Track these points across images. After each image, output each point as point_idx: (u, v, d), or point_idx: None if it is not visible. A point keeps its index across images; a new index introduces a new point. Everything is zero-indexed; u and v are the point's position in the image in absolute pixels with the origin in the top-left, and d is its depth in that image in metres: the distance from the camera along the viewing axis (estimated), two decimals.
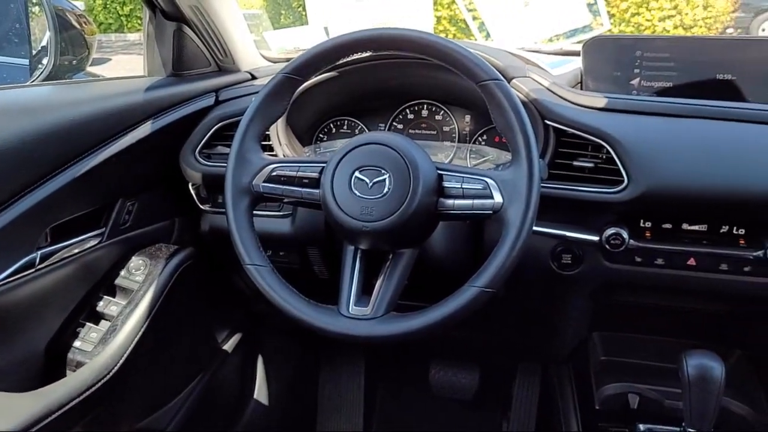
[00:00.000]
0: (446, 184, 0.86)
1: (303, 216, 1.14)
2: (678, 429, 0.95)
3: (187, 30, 1.23)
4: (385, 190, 0.85)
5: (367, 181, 0.86)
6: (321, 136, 1.27)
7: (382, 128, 1.25)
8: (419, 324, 0.83)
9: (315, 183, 0.90)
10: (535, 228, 0.85)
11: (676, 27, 6.76)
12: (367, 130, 1.25)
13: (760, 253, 0.97)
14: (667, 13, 6.82)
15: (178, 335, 1.22)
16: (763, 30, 10.23)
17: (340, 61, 1.01)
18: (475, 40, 1.61)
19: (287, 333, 1.63)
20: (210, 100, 1.21)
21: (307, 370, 1.73)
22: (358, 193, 0.86)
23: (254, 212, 0.94)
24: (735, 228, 1.00)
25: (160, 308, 1.10)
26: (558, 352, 1.27)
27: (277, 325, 1.58)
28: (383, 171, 0.86)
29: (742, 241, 0.99)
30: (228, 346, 1.43)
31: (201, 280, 1.27)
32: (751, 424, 1.11)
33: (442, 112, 1.22)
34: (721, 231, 1.00)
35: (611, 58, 1.10)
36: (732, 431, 1.04)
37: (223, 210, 0.93)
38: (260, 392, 1.56)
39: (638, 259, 1.03)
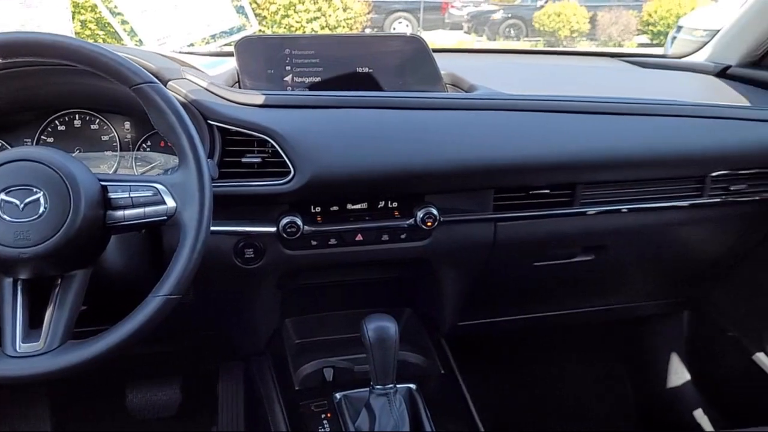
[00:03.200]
0: (112, 195, 0.82)
1: None
2: (367, 389, 1.06)
3: None
4: (41, 210, 0.77)
5: (17, 202, 0.77)
6: None
7: (29, 144, 1.12)
8: (103, 347, 0.78)
9: None
10: (214, 228, 0.86)
11: (323, 28, 7.33)
12: (10, 148, 1.11)
13: (411, 220, 1.11)
14: (313, 15, 7.35)
15: None
16: (394, 28, 11.67)
17: None
18: (125, 44, 1.54)
19: None
20: None
21: None
22: (8, 218, 0.77)
23: None
24: (389, 202, 1.13)
25: None
26: (255, 345, 1.30)
27: None
28: (35, 190, 0.78)
29: (397, 213, 1.13)
30: None
31: None
32: (425, 369, 1.28)
33: (98, 120, 1.14)
34: (379, 206, 1.13)
35: (263, 57, 1.15)
36: (409, 378, 1.19)
37: None
38: None
39: (314, 243, 1.10)
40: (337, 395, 1.15)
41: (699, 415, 1.66)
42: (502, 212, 1.18)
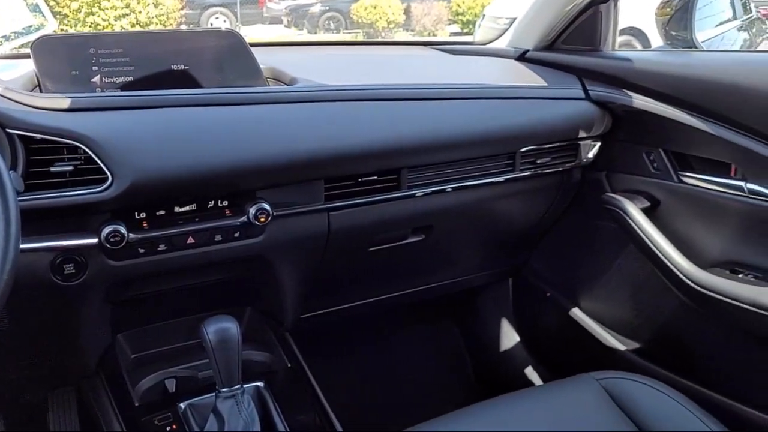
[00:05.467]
0: None
1: None
2: (213, 394, 1.03)
3: None
4: None
5: None
6: None
7: None
8: None
9: None
10: (24, 245, 0.79)
11: (133, 25, 6.95)
12: None
13: (244, 218, 1.09)
14: (121, 12, 6.93)
15: None
16: (211, 24, 11.34)
17: None
18: None
19: None
20: None
21: None
22: None
23: None
24: (219, 201, 1.10)
25: None
26: (85, 367, 1.21)
27: None
28: None
29: (228, 212, 1.10)
30: None
31: None
32: (271, 366, 1.27)
33: None
34: (209, 206, 1.09)
35: (65, 58, 1.07)
36: (256, 376, 1.18)
37: None
38: None
39: (142, 251, 1.05)
40: (182, 405, 1.11)
41: (529, 372, 1.81)
42: (333, 202, 1.20)
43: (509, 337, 1.87)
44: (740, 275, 1.21)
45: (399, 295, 1.59)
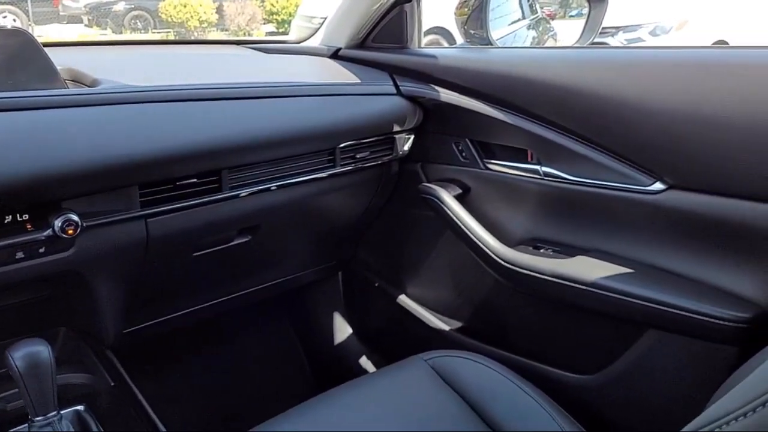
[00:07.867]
0: None
1: None
2: (26, 425, 0.94)
3: None
4: None
5: None
6: None
7: None
8: None
9: None
10: None
11: None
12: None
13: (49, 231, 1.00)
14: None
15: None
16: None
17: None
18: None
19: None
20: None
21: None
22: None
23: None
24: (18, 215, 1.00)
25: None
26: None
27: None
28: None
29: (30, 226, 1.01)
30: None
31: None
32: (92, 387, 1.19)
33: None
34: (6, 221, 0.99)
35: None
36: (76, 400, 1.10)
37: None
38: None
39: None
40: None
41: (364, 362, 1.86)
42: (150, 208, 1.14)
43: (342, 330, 1.91)
44: (542, 250, 1.34)
45: (229, 299, 1.56)
